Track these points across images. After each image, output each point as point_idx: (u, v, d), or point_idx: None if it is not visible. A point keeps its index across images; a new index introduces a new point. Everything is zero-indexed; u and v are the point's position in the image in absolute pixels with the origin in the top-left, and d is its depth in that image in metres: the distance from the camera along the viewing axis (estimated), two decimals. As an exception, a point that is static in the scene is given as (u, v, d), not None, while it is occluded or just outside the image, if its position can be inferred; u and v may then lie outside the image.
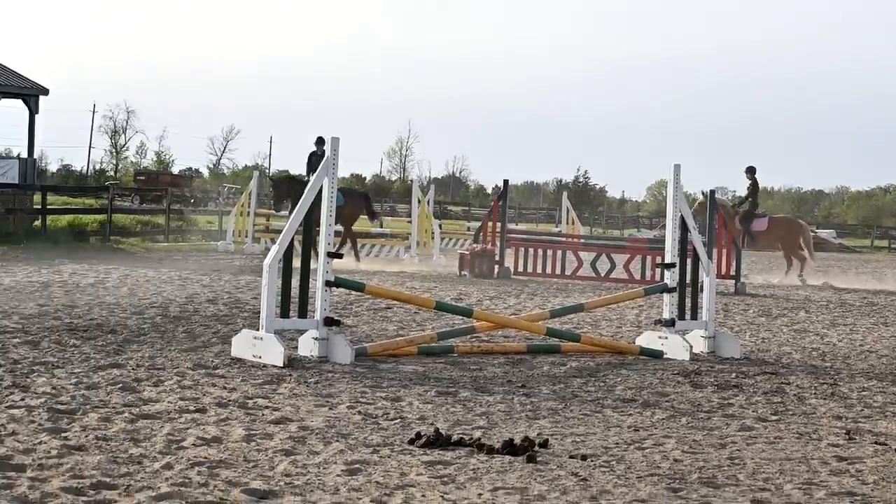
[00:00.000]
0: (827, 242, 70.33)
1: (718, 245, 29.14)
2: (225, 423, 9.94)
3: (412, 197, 39.12)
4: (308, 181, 29.14)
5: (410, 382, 12.56)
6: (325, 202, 14.07)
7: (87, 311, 17.31)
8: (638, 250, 31.49)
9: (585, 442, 9.97)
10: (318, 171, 14.27)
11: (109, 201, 39.74)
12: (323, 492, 7.96)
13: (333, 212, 14.28)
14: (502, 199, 32.11)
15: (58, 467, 8.21)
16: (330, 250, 14.12)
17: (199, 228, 42.99)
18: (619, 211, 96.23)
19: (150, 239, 38.11)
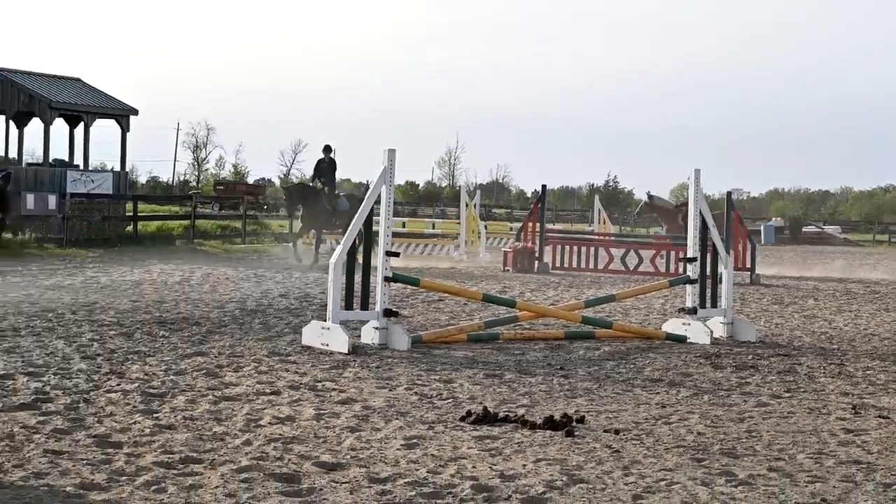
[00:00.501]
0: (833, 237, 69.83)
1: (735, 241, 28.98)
2: (297, 404, 9.97)
3: (460, 201, 39.14)
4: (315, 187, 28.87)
5: (461, 366, 12.56)
6: (384, 207, 14.08)
7: (174, 306, 17.39)
8: (663, 246, 31.35)
9: (618, 418, 9.95)
10: (377, 180, 14.27)
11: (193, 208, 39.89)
12: (384, 464, 7.97)
13: (391, 216, 14.28)
14: (541, 202, 32.07)
15: (150, 444, 8.26)
16: (389, 250, 14.13)
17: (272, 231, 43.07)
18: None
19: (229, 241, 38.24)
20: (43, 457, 7.77)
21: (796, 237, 68.18)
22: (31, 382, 10.41)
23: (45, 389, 10.11)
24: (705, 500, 7.28)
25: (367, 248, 14.65)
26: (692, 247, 16.08)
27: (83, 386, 10.36)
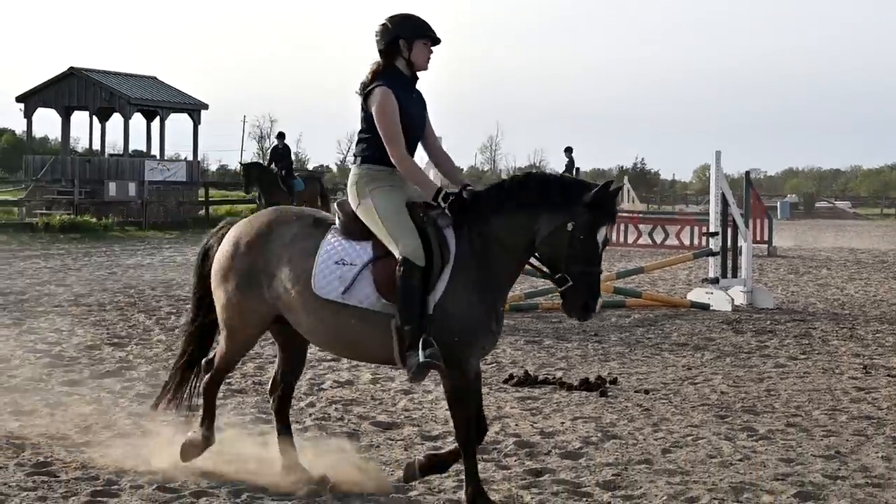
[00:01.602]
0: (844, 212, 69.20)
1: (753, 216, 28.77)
2: (355, 369, 10.00)
3: (501, 183, 39.10)
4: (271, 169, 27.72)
5: (503, 333, 12.54)
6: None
7: (243, 282, 17.44)
8: (687, 222, 31.18)
9: (647, 379, 9.93)
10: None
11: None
12: (435, 423, 7.99)
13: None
14: (575, 183, 31.98)
15: (224, 406, 8.31)
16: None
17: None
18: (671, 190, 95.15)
19: (292, 223, 38.38)
20: (127, 419, 7.84)
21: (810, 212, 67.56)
22: (115, 352, 10.51)
23: (128, 358, 10.21)
24: (728, 454, 7.26)
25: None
26: (714, 222, 16.00)
27: (163, 355, 10.43)
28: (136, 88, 35.42)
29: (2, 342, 10.86)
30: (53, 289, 15.59)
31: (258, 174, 27.90)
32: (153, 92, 35.93)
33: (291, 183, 27.79)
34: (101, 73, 35.27)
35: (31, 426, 7.53)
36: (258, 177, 27.73)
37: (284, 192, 27.15)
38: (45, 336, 11.33)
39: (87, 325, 12.13)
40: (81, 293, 15.12)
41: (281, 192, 27.00)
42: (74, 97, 34.96)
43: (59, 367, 9.69)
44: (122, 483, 6.28)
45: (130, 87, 35.22)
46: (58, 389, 8.77)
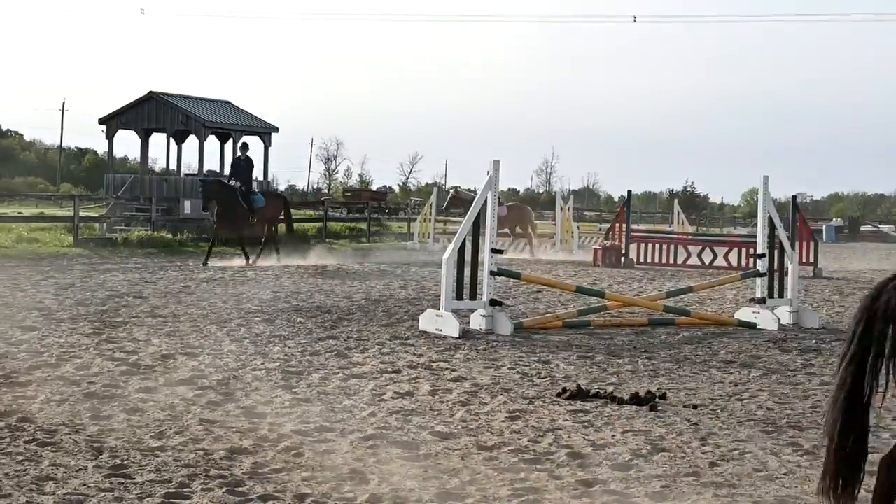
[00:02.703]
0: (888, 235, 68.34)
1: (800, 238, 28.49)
2: (415, 381, 10.01)
3: (556, 205, 38.98)
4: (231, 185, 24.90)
5: (557, 349, 12.52)
6: (490, 211, 14.07)
7: (309, 296, 17.55)
8: (735, 244, 30.95)
9: (696, 394, 9.85)
10: (484, 186, 14.28)
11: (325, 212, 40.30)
12: (491, 433, 7.98)
13: (496, 219, 14.27)
14: (626, 206, 31.87)
15: (289, 414, 8.35)
16: (494, 247, 14.12)
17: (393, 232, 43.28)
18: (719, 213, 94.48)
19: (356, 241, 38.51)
20: (199, 425, 7.90)
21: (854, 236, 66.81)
22: (188, 361, 10.58)
23: (200, 367, 10.27)
24: (774, 468, 7.18)
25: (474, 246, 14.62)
26: (762, 244, 15.88)
27: (232, 365, 10.51)
28: (211, 112, 35.77)
29: (83, 350, 10.99)
30: (131, 300, 15.75)
31: (217, 190, 25.03)
32: (227, 115, 36.27)
33: (252, 199, 25.19)
34: (178, 98, 35.67)
35: (108, 430, 7.61)
36: (217, 192, 24.87)
37: (244, 208, 24.84)
38: (122, 345, 11.44)
39: (162, 336, 12.23)
40: (157, 305, 15.26)
41: (240, 209, 24.79)
42: (153, 120, 35.37)
43: (136, 374, 9.78)
44: (194, 486, 6.33)
45: (205, 110, 35.58)
46: (134, 396, 8.85)
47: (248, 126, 36.31)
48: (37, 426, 7.65)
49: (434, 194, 41.43)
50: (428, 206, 39.11)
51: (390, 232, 43.26)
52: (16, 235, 27.59)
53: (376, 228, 42.38)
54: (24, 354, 10.60)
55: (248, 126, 36.31)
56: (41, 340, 11.55)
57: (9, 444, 7.11)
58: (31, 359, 10.36)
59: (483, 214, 14.16)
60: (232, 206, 24.61)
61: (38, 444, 7.12)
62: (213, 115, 35.40)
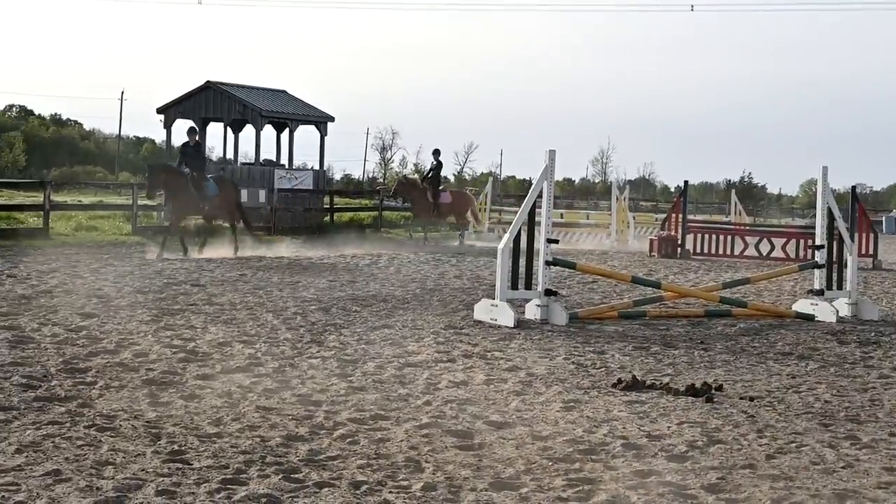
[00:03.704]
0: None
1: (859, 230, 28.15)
2: (470, 370, 10.02)
3: (611, 195, 38.80)
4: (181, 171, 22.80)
5: (612, 340, 12.48)
6: (545, 201, 14.04)
7: (364, 285, 17.61)
8: (793, 235, 30.65)
9: (752, 386, 9.78)
10: (539, 176, 14.24)
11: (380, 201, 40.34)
12: (546, 424, 7.97)
13: (552, 208, 14.24)
14: (683, 196, 31.66)
15: (345, 403, 8.40)
16: (549, 237, 14.09)
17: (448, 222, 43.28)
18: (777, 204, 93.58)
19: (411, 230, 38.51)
20: (256, 412, 7.96)
21: (915, 227, 65.90)
22: (245, 349, 10.67)
23: (256, 355, 10.35)
24: (832, 461, 7.12)
25: (530, 236, 14.60)
26: (820, 235, 15.72)
27: (288, 353, 10.58)
28: (268, 101, 35.96)
29: (141, 337, 11.11)
30: (188, 288, 15.90)
31: (165, 177, 22.73)
32: (283, 105, 36.44)
33: (204, 186, 23.26)
34: (235, 87, 35.89)
35: (166, 416, 7.70)
36: (165, 180, 22.68)
37: (195, 196, 23.00)
38: (180, 332, 11.56)
39: (219, 323, 12.34)
40: (214, 293, 15.39)
41: (191, 197, 22.96)
42: (210, 109, 35.62)
43: (194, 361, 9.88)
44: (251, 472, 6.38)
45: (262, 100, 35.77)
46: (192, 383, 8.94)
47: (304, 115, 36.45)
48: (96, 412, 7.76)
49: (489, 184, 41.46)
50: (483, 196, 39.12)
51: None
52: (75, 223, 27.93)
53: (431, 218, 42.31)
54: (83, 341, 10.74)
55: (304, 115, 36.45)
56: (100, 327, 11.69)
57: (69, 429, 7.22)
58: (90, 345, 10.50)
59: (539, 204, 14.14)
60: (181, 194, 22.79)
61: (98, 430, 7.22)
62: (269, 105, 35.59)
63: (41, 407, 7.83)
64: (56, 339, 10.80)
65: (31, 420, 7.41)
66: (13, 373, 8.98)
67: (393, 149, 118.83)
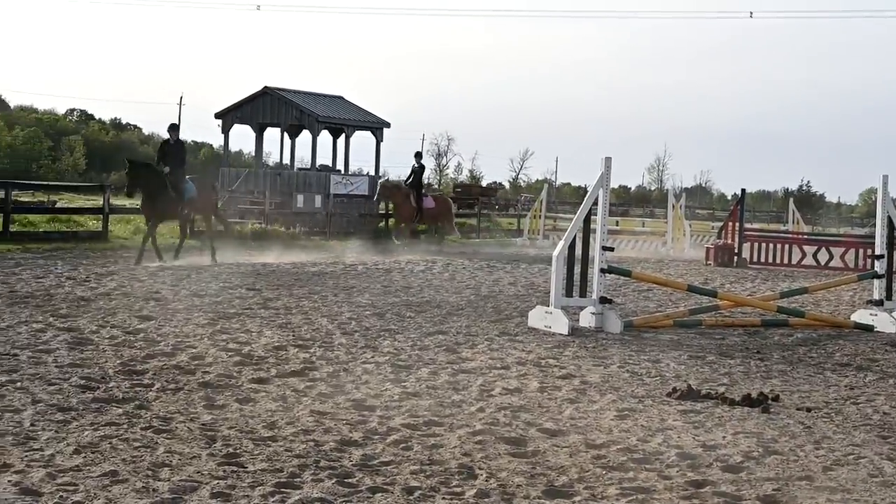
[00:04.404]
0: None
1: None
2: (524, 378, 10.00)
3: (668, 203, 38.63)
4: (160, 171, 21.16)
5: (667, 348, 12.40)
6: (601, 208, 13.99)
7: (419, 291, 17.64)
8: (852, 244, 30.32)
9: (809, 397, 9.68)
10: (595, 184, 14.19)
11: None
12: (600, 432, 7.94)
13: (607, 215, 14.19)
14: (740, 204, 31.42)
15: (399, 408, 8.41)
16: (604, 244, 14.04)
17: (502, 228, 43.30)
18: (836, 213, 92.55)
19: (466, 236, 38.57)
20: (310, 416, 8.00)
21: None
22: (300, 353, 10.72)
23: (311, 360, 10.40)
24: (891, 474, 7.03)
25: (585, 243, 14.55)
26: (880, 245, 15.54)
27: (343, 358, 10.61)
28: (324, 107, 36.15)
29: (197, 340, 11.20)
30: (244, 292, 16.00)
31: (145, 176, 21.21)
32: (339, 111, 36.63)
33: (183, 188, 21.63)
34: (292, 93, 36.12)
35: (222, 419, 7.75)
36: (145, 180, 21.16)
37: (173, 197, 21.36)
38: (236, 336, 11.64)
39: (275, 328, 12.41)
40: (269, 297, 15.48)
41: (169, 198, 21.30)
42: (267, 115, 35.88)
43: (249, 365, 9.94)
44: (305, 476, 6.41)
45: (319, 105, 35.97)
46: (247, 386, 8.99)
47: (360, 121, 36.61)
48: (153, 413, 7.83)
49: (544, 190, 41.41)
50: (538, 203, 39.08)
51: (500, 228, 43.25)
52: (133, 227, 28.19)
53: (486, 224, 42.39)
54: (141, 343, 10.84)
55: (360, 121, 36.61)
56: (157, 330, 11.80)
57: (126, 430, 7.29)
58: (147, 347, 10.60)
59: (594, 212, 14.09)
60: (159, 194, 21.16)
61: (154, 432, 7.29)
62: (326, 110, 35.78)
63: (99, 408, 7.92)
64: (114, 341, 10.92)
65: (90, 421, 7.50)
66: (72, 374, 9.09)
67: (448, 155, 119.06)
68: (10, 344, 10.40)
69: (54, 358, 9.79)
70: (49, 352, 10.09)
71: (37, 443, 6.85)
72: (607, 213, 14.25)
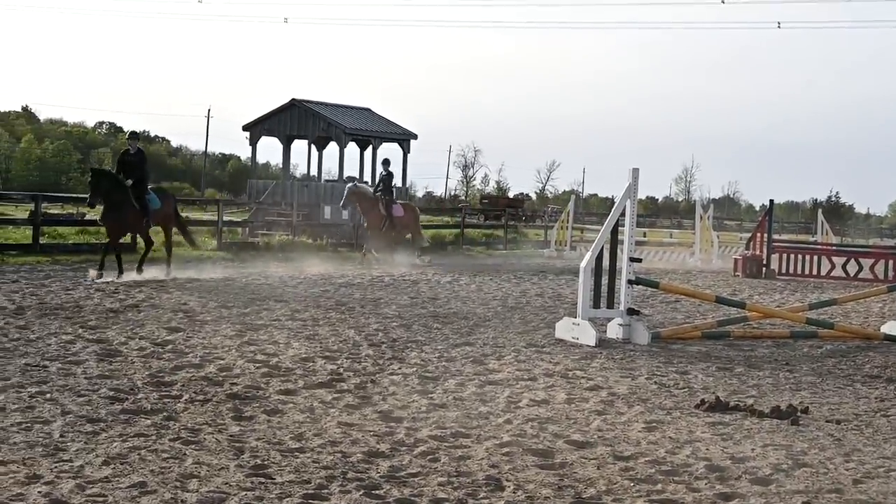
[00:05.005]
0: None
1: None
2: (551, 389, 9.99)
3: (695, 214, 38.50)
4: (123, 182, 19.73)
5: (695, 360, 12.35)
6: (628, 219, 13.96)
7: (445, 302, 17.64)
8: (881, 255, 30.12)
9: (839, 409, 9.62)
10: (622, 195, 14.16)
11: (462, 219, 40.45)
12: (627, 444, 7.91)
13: (635, 226, 14.15)
14: (768, 215, 31.24)
15: (426, 419, 8.41)
16: (632, 256, 14.01)
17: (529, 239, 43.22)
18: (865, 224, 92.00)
19: (492, 247, 38.55)
20: (337, 428, 8.01)
21: None
22: (327, 365, 10.74)
23: (338, 371, 10.42)
24: (921, 487, 6.97)
25: (612, 254, 14.51)
26: (910, 256, 15.45)
27: (370, 369, 10.62)
28: (352, 119, 36.27)
29: (225, 352, 11.24)
30: (272, 304, 16.04)
31: (108, 187, 19.78)
32: (367, 123, 36.73)
33: (146, 200, 20.35)
34: (319, 105, 36.25)
35: (250, 431, 7.77)
36: (107, 190, 19.75)
37: (136, 209, 20.07)
38: (264, 347, 11.67)
39: (302, 339, 12.43)
40: (297, 309, 15.51)
41: (132, 209, 20.01)
42: (295, 127, 36.03)
43: (276, 376, 9.97)
44: (332, 488, 6.42)
45: (346, 117, 36.09)
46: (274, 398, 9.01)
47: (388, 133, 36.69)
48: (181, 425, 7.86)
49: (571, 202, 41.39)
50: (565, 214, 39.06)
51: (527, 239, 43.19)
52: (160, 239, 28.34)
53: (513, 235, 42.35)
54: (169, 355, 10.89)
55: (388, 133, 36.69)
56: (186, 341, 11.85)
57: (154, 441, 7.32)
58: (176, 359, 10.64)
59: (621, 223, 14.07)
60: (122, 206, 19.93)
61: (183, 443, 7.32)
62: (353, 122, 35.88)
63: (128, 419, 7.96)
64: (143, 352, 10.97)
65: (118, 432, 7.53)
66: (101, 385, 9.14)
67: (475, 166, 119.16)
68: (40, 355, 10.48)
69: (83, 369, 9.85)
70: (78, 363, 10.15)
71: (66, 454, 6.89)
72: (635, 224, 14.21)
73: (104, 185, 19.78)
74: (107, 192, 19.74)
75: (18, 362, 10.03)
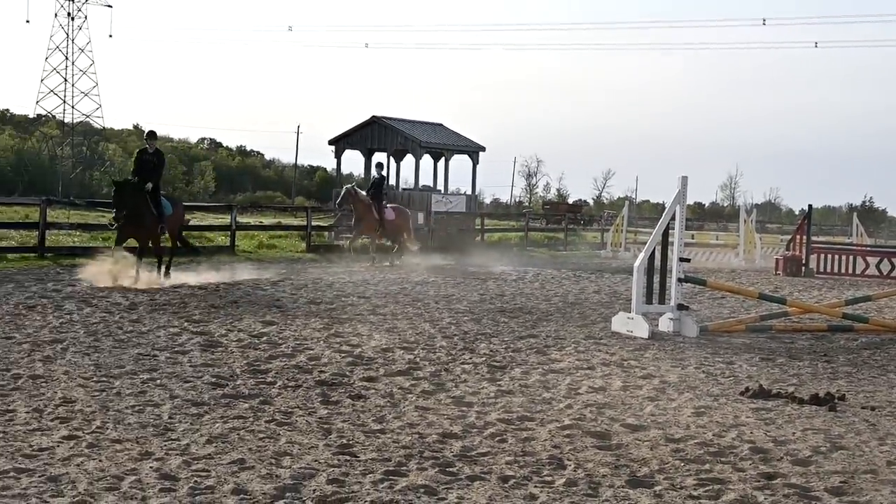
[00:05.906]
0: None
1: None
2: (608, 377, 9.94)
3: (739, 218, 38.06)
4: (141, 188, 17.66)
5: (740, 351, 12.22)
6: (678, 223, 13.86)
7: (511, 299, 17.61)
8: (913, 255, 29.54)
9: (874, 397, 9.46)
10: (672, 201, 14.05)
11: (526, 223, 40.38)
12: (678, 427, 7.85)
13: (683, 229, 14.03)
14: (807, 219, 30.81)
15: (494, 405, 8.41)
16: (681, 256, 13.90)
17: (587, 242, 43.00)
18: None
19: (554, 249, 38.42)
20: (415, 411, 8.03)
21: None
22: (405, 355, 10.78)
23: (415, 360, 10.45)
24: (951, 469, 6.83)
25: (663, 255, 14.39)
26: (939, 256, 15.14)
27: (444, 359, 10.64)
28: (426, 134, 36.32)
29: (314, 343, 11.32)
30: (355, 300, 16.13)
31: (131, 194, 17.74)
32: (440, 137, 36.76)
33: (161, 205, 18.37)
34: (397, 121, 36.35)
35: (336, 414, 7.82)
36: (131, 197, 17.71)
37: (154, 216, 18.06)
38: (348, 339, 11.73)
39: (382, 332, 12.48)
40: (378, 304, 15.58)
41: (151, 216, 18.02)
42: (375, 141, 36.14)
43: (360, 365, 10.02)
44: (410, 465, 6.44)
45: (421, 132, 36.15)
46: (358, 384, 9.06)
47: (459, 146, 36.69)
48: (275, 408, 7.93)
49: (626, 207, 41.14)
50: (620, 218, 38.84)
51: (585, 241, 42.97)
52: (257, 242, 28.63)
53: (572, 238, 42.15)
54: (264, 345, 11.00)
55: (459, 146, 36.69)
56: (279, 334, 11.95)
57: (252, 423, 7.40)
58: (270, 349, 10.74)
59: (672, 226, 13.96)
60: (143, 213, 17.91)
61: (277, 424, 7.39)
62: (427, 136, 35.93)
63: (228, 403, 8.05)
64: (241, 343, 11.09)
65: (220, 415, 7.63)
66: (204, 373, 9.26)
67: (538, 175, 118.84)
68: (150, 346, 10.63)
69: (189, 358, 9.98)
70: (184, 353, 10.29)
71: (174, 433, 6.99)
72: (684, 227, 14.09)
73: (127, 196, 17.70)
74: (131, 203, 17.67)
75: (132, 352, 10.19)
